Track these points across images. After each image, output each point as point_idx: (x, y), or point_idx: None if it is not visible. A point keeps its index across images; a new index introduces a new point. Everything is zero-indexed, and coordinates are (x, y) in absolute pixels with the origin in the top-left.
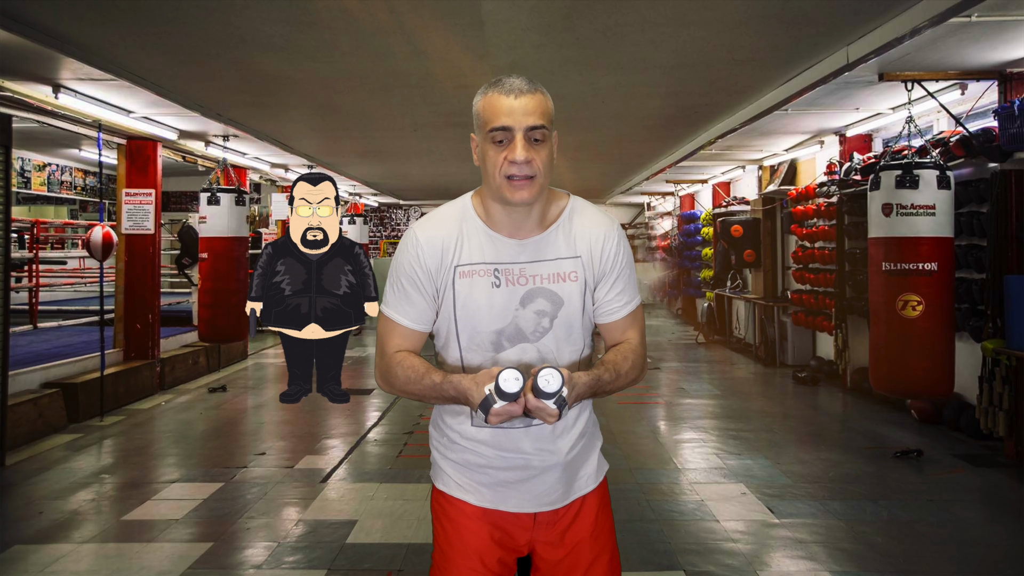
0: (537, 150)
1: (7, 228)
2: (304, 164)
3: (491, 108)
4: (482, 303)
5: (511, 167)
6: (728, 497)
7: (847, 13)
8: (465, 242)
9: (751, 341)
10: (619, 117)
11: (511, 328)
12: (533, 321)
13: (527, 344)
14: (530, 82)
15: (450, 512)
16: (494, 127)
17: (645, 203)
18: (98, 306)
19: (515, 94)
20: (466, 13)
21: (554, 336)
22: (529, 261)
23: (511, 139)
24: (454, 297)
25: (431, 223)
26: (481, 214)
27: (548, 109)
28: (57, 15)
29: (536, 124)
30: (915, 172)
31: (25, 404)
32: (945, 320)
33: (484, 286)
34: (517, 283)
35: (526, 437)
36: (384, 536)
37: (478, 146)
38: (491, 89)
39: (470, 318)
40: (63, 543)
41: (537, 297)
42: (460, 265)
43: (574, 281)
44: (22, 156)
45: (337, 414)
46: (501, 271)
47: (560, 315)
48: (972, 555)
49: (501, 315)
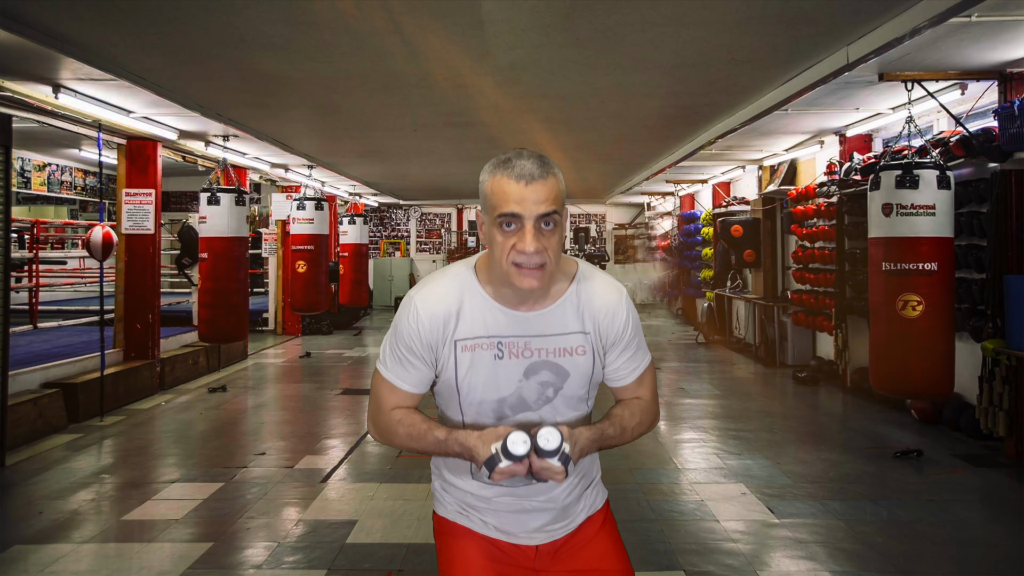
0: (548, 237)
1: (7, 228)
2: (304, 164)
3: (500, 193)
4: (484, 375)
5: (520, 256)
6: (728, 497)
7: (847, 13)
8: (466, 315)
9: (751, 341)
10: (619, 117)
11: (514, 398)
12: (536, 391)
13: (530, 412)
14: (542, 164)
15: (452, 539)
16: (503, 213)
17: (645, 203)
18: (98, 306)
19: (526, 180)
20: (466, 13)
21: (558, 405)
22: (534, 335)
23: (520, 227)
24: (456, 368)
25: (432, 296)
26: (485, 287)
27: (560, 192)
28: (57, 15)
29: (548, 211)
30: (915, 172)
31: (25, 404)
32: (945, 320)
33: (486, 359)
34: (522, 355)
35: (517, 497)
36: (384, 536)
37: (484, 225)
38: (500, 171)
39: (472, 389)
40: (63, 543)
41: (542, 369)
42: (461, 340)
43: (581, 355)
44: (22, 156)
45: (337, 414)
46: (504, 344)
47: (565, 386)
48: (972, 555)
49: (504, 386)
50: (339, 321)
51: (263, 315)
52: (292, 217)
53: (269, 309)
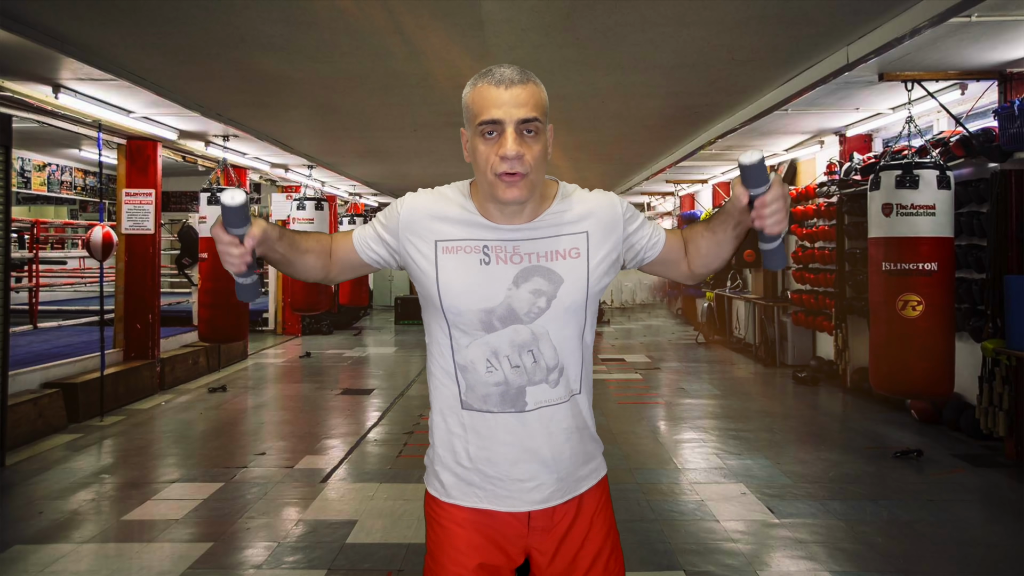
0: (529, 144)
1: (7, 228)
2: (304, 164)
3: (480, 100)
4: (469, 282)
5: (502, 163)
6: (728, 497)
7: (847, 13)
8: (452, 220)
9: (751, 341)
10: (619, 117)
11: (502, 308)
12: (528, 302)
13: (520, 325)
14: (522, 71)
15: (441, 518)
16: (483, 120)
17: (645, 203)
18: (98, 306)
19: (505, 84)
20: (466, 13)
21: (551, 317)
22: (524, 239)
23: (501, 133)
24: (437, 273)
25: (424, 193)
26: (475, 202)
27: (541, 100)
28: (57, 15)
29: (528, 116)
30: (915, 172)
31: (25, 404)
32: (945, 320)
33: (471, 263)
34: (510, 260)
35: (510, 432)
36: (384, 536)
37: (468, 141)
38: (480, 80)
39: (455, 297)
40: (63, 543)
41: (533, 276)
42: (443, 240)
43: (575, 258)
44: (22, 156)
45: (337, 414)
46: (491, 248)
47: (559, 295)
48: (972, 555)
49: (490, 295)
50: (339, 321)
51: (263, 315)
52: (292, 217)
53: (269, 309)
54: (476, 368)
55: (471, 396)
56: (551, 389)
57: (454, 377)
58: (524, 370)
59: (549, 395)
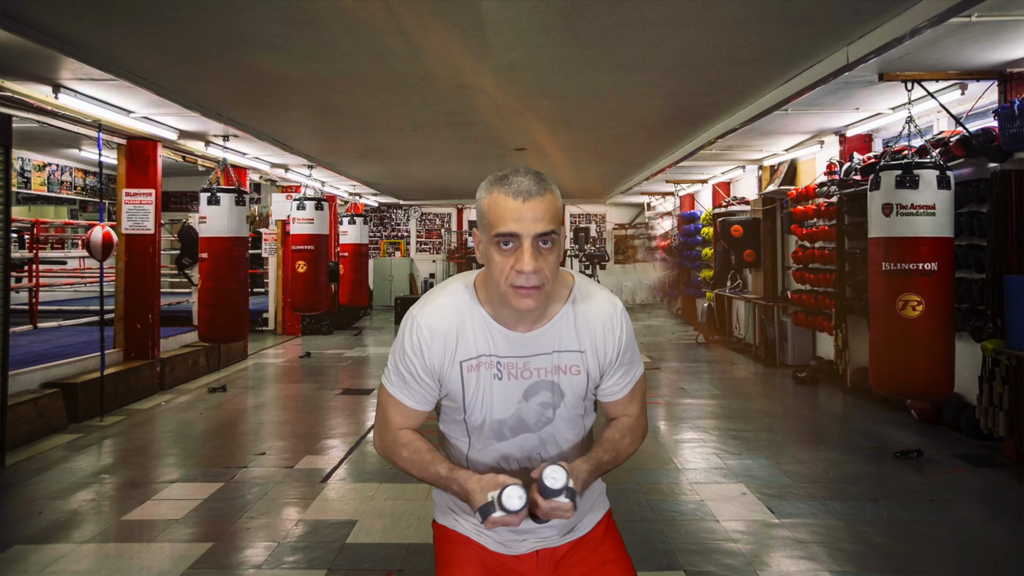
0: (545, 256)
1: (7, 228)
2: (304, 164)
3: (497, 210)
4: (487, 397)
5: (518, 277)
6: (728, 497)
7: (847, 13)
8: (467, 334)
9: (751, 341)
10: (619, 117)
11: (514, 419)
12: (536, 413)
13: (529, 434)
14: (539, 181)
15: (450, 547)
16: (500, 232)
17: (645, 203)
18: (98, 306)
19: (523, 197)
20: (466, 13)
21: (557, 425)
22: (531, 355)
23: (518, 246)
24: (463, 390)
25: (434, 313)
26: (484, 305)
27: (557, 210)
28: (57, 15)
29: (546, 231)
30: (915, 172)
31: (25, 404)
32: (945, 320)
33: (487, 378)
34: (520, 376)
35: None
36: (384, 536)
37: (481, 243)
38: (497, 187)
39: (478, 410)
40: (63, 543)
41: (540, 390)
42: (465, 360)
43: (575, 375)
44: (22, 156)
45: (337, 414)
46: (503, 364)
47: (562, 405)
48: (972, 555)
49: (504, 407)
50: (339, 321)
51: (263, 315)
52: (292, 217)
53: (269, 309)
54: (487, 465)
55: (475, 517)
56: None
57: (465, 465)
58: (531, 465)
59: None
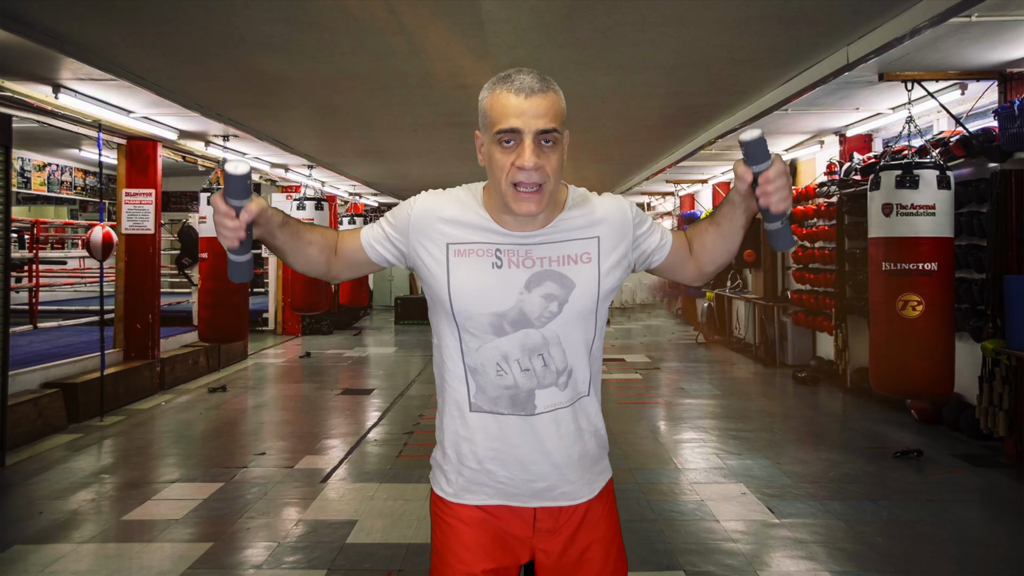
0: (547, 155)
1: (7, 228)
2: (304, 164)
3: (499, 107)
4: (480, 285)
5: (519, 173)
6: (728, 497)
7: (847, 13)
8: (463, 223)
9: (751, 341)
10: (619, 117)
11: (514, 312)
12: (540, 306)
13: (531, 329)
14: (542, 79)
15: (448, 517)
16: (501, 129)
17: (645, 203)
18: (98, 306)
19: (526, 93)
20: (466, 13)
21: (563, 321)
22: (536, 243)
23: (520, 142)
24: (448, 275)
25: (436, 194)
26: (488, 208)
27: (561, 109)
28: (57, 15)
29: (548, 127)
30: (915, 172)
31: (25, 404)
32: (945, 320)
33: (483, 266)
34: (522, 265)
35: (519, 435)
36: (384, 536)
37: (483, 145)
38: (499, 85)
39: (466, 300)
40: (63, 543)
41: (545, 280)
42: (455, 243)
43: (586, 263)
44: (22, 156)
45: (337, 414)
46: (503, 251)
47: (571, 299)
48: (972, 555)
49: (502, 298)
50: (339, 321)
51: (263, 315)
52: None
53: (269, 309)
54: (486, 371)
55: (480, 398)
56: (560, 392)
57: (464, 380)
58: (534, 374)
59: (558, 398)
